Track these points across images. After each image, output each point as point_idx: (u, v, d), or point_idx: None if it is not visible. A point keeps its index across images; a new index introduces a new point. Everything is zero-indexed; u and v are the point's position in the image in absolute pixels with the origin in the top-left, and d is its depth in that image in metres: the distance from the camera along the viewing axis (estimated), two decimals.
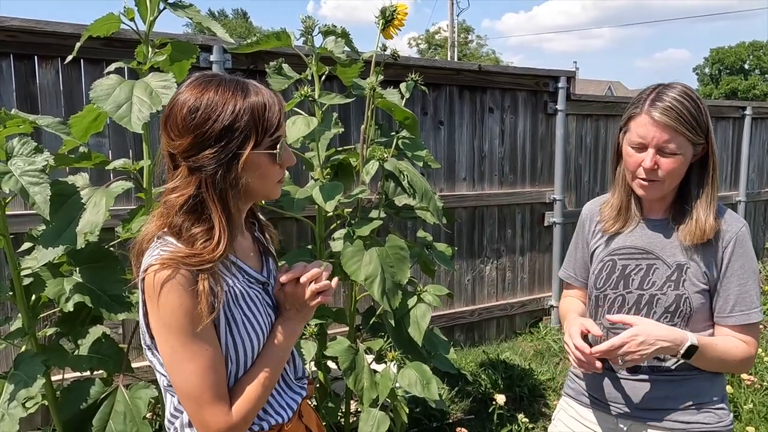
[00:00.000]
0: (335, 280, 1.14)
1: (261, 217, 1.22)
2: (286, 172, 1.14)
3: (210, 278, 0.97)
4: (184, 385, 0.98)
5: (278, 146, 1.03)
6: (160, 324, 0.97)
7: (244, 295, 1.06)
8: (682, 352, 1.29)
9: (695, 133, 1.30)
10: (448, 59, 23.88)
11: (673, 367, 1.38)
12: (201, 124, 0.96)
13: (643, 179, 1.34)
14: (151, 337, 1.02)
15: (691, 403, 1.38)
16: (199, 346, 0.97)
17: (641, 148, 1.32)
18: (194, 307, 0.95)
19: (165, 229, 1.02)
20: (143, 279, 0.98)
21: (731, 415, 1.43)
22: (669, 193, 1.39)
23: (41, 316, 1.86)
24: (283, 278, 1.11)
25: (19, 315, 1.79)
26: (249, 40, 2.15)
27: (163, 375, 1.05)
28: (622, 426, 1.44)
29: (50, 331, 1.94)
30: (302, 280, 1.09)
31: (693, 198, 1.36)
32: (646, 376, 1.40)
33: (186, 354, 0.96)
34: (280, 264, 1.21)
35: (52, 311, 2.07)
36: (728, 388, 2.95)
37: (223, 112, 0.96)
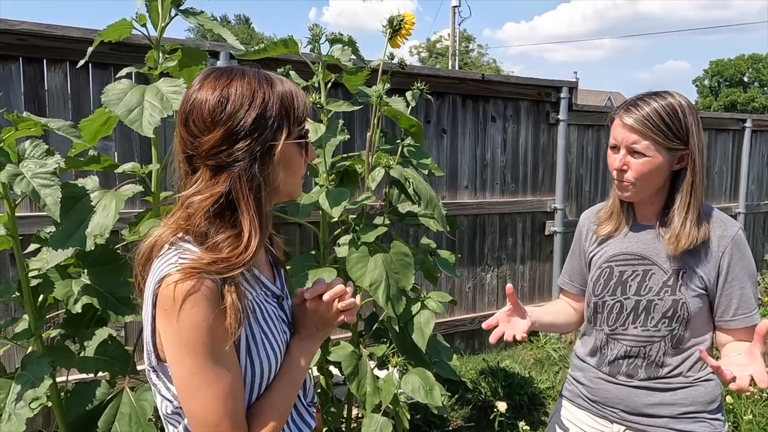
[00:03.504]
0: (358, 297, 1.08)
1: None
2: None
3: (235, 290, 0.89)
4: (200, 413, 0.88)
5: (307, 137, 0.99)
6: (177, 343, 0.86)
7: (262, 309, 0.98)
8: None
9: (666, 138, 1.32)
10: (449, 68, 23.95)
11: (668, 375, 1.39)
12: (233, 115, 0.90)
13: (617, 179, 1.40)
14: (158, 358, 0.92)
15: (686, 411, 1.39)
16: (220, 369, 0.88)
17: (615, 149, 1.39)
18: (218, 323, 0.86)
19: (181, 234, 0.93)
20: (157, 290, 0.88)
21: (727, 425, 1.43)
22: (657, 200, 1.41)
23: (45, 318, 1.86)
24: (307, 294, 1.04)
25: (25, 316, 1.80)
26: (257, 47, 2.16)
27: (168, 401, 0.94)
28: (616, 430, 1.45)
29: (54, 332, 1.95)
30: (325, 298, 1.02)
31: (673, 205, 1.37)
32: (642, 383, 1.41)
33: (205, 377, 0.87)
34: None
35: (56, 313, 2.08)
36: (728, 398, 2.96)
37: (254, 101, 0.91)
